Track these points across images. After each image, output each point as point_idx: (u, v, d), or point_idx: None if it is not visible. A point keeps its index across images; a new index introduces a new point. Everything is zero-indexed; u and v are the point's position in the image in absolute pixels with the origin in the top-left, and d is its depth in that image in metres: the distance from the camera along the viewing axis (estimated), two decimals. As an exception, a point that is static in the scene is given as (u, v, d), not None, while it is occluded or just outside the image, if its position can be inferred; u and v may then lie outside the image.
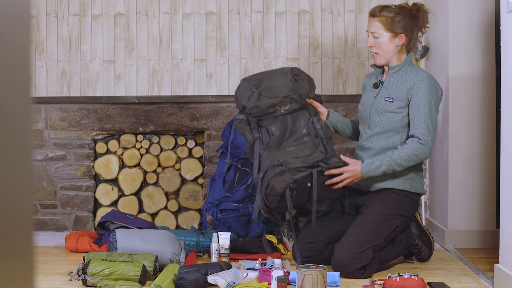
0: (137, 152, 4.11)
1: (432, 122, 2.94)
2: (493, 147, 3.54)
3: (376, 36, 3.02)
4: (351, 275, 2.86)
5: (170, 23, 4.08)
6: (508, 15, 2.56)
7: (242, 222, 3.61)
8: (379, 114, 3.04)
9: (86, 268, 2.73)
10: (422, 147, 2.91)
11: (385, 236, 2.95)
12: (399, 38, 3.02)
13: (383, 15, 3.00)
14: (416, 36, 3.07)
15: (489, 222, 3.55)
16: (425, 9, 3.08)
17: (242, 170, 3.75)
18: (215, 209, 3.65)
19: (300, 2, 4.05)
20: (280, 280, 2.51)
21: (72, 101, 4.08)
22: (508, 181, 2.58)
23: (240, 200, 3.66)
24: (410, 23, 3.01)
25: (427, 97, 2.93)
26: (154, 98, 4.05)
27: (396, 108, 2.99)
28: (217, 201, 3.66)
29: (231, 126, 3.72)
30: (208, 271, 2.69)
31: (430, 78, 2.99)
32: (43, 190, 4.12)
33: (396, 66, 3.05)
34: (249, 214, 3.58)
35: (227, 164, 3.75)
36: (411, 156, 2.92)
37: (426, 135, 2.91)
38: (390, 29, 3.00)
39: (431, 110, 2.93)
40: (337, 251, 2.91)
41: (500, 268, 2.63)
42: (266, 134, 3.09)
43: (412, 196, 3.06)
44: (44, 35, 4.11)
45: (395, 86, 3.03)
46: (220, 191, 3.70)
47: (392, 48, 3.03)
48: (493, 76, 3.53)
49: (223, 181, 3.73)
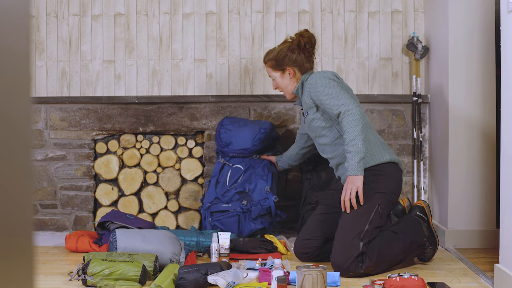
0: (137, 152, 4.11)
1: (338, 93, 3.05)
2: (493, 147, 3.54)
3: (273, 78, 3.37)
4: (349, 270, 2.87)
5: (170, 23, 4.08)
6: (508, 15, 2.56)
7: (231, 222, 3.60)
8: (310, 128, 3.26)
9: (86, 268, 2.73)
10: (348, 112, 2.98)
11: (367, 220, 2.96)
12: (288, 71, 3.31)
13: (268, 60, 3.35)
14: (305, 59, 3.30)
15: (489, 222, 3.55)
16: (304, 34, 3.30)
17: (234, 168, 3.77)
18: (206, 212, 3.67)
19: (300, 2, 4.05)
20: (280, 280, 2.51)
21: (72, 101, 4.08)
22: (508, 182, 2.58)
23: (229, 200, 3.67)
24: (292, 55, 3.29)
25: (318, 86, 3.12)
26: (154, 98, 4.05)
27: (312, 114, 3.21)
28: (209, 204, 3.67)
29: (222, 124, 3.82)
30: (208, 271, 2.69)
31: (314, 74, 3.20)
32: (43, 190, 4.11)
33: (298, 89, 3.31)
34: (238, 213, 3.59)
35: (219, 164, 3.80)
36: (351, 124, 2.96)
37: (340, 105, 3.01)
38: (277, 68, 3.32)
39: (329, 89, 3.08)
40: (331, 252, 2.96)
41: (500, 268, 2.63)
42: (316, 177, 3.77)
43: (381, 169, 3.06)
44: (44, 35, 4.11)
45: (304, 101, 3.27)
46: (212, 193, 3.73)
47: (287, 82, 3.33)
48: (493, 76, 3.53)
49: (216, 182, 3.76)
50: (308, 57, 3.32)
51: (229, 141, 3.77)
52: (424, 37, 4.00)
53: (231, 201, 3.66)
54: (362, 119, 2.97)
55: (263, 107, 4.04)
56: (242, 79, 4.07)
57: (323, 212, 3.22)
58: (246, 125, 3.82)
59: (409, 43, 3.96)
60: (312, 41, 3.32)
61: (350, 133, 2.95)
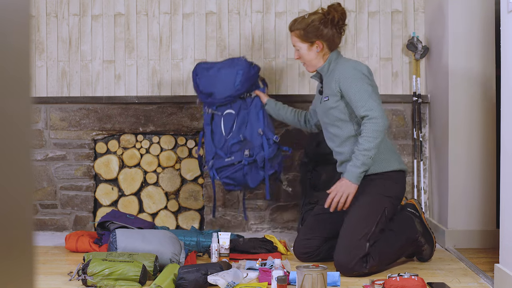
0: (137, 152, 4.11)
1: (372, 96, 2.98)
2: (493, 147, 3.54)
3: (297, 49, 3.19)
4: (354, 270, 2.87)
5: (170, 23, 4.08)
6: (508, 15, 2.56)
7: (240, 174, 3.43)
8: (326, 115, 3.15)
9: (86, 268, 2.73)
10: (375, 120, 2.95)
11: (374, 222, 2.97)
12: (316, 45, 3.15)
13: (296, 29, 3.16)
14: (334, 37, 3.16)
15: (489, 222, 3.55)
16: (338, 9, 3.16)
17: (226, 115, 3.51)
18: (213, 171, 3.49)
19: (300, 2, 4.05)
20: (280, 280, 2.51)
21: (72, 101, 4.08)
22: (508, 181, 2.58)
23: (229, 152, 3.46)
24: (323, 29, 3.13)
25: (351, 78, 3.02)
26: (154, 98, 4.05)
27: (333, 103, 3.09)
28: (212, 161, 3.48)
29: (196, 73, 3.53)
30: (208, 271, 2.69)
31: (349, 62, 3.10)
32: (43, 190, 4.11)
33: (324, 67, 3.17)
34: (244, 165, 3.41)
35: (208, 114, 3.53)
36: (372, 134, 2.94)
37: (369, 109, 2.96)
38: (305, 40, 3.15)
39: (362, 86, 2.99)
40: (335, 252, 2.95)
41: (500, 268, 2.63)
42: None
43: (391, 175, 3.07)
44: (44, 35, 4.11)
45: (328, 84, 3.13)
46: (210, 147, 3.52)
47: (313, 56, 3.17)
48: (493, 76, 3.53)
49: (210, 133, 3.53)
50: (338, 33, 3.18)
51: (210, 91, 3.49)
52: (424, 37, 4.00)
53: (231, 153, 3.45)
54: (383, 132, 2.96)
55: (263, 107, 4.04)
56: (242, 79, 4.06)
57: (323, 212, 3.22)
58: (220, 70, 3.50)
59: (409, 43, 3.96)
60: (344, 16, 3.19)
61: (368, 142, 2.94)
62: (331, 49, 3.18)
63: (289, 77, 4.04)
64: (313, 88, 4.03)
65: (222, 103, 3.48)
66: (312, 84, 4.02)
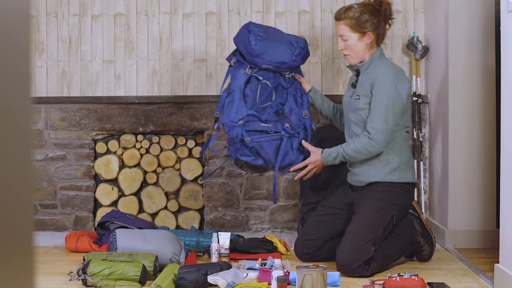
0: (137, 152, 4.11)
1: (387, 119, 2.98)
2: (493, 147, 3.54)
3: (345, 39, 3.07)
4: (355, 272, 2.87)
5: (170, 23, 4.08)
6: (508, 15, 2.56)
7: (273, 146, 3.13)
8: (354, 113, 3.11)
9: (86, 268, 2.73)
10: (371, 142, 2.99)
11: (382, 228, 2.97)
12: (368, 36, 3.07)
13: (347, 17, 3.05)
14: (383, 29, 3.11)
15: (489, 222, 3.55)
16: (387, 2, 3.11)
17: (264, 83, 3.22)
18: (239, 130, 3.10)
19: (300, 2, 4.05)
20: (280, 280, 2.51)
21: (72, 101, 4.08)
22: (508, 181, 2.58)
23: (268, 120, 3.17)
24: (375, 20, 3.06)
25: (385, 92, 2.97)
26: (154, 98, 4.05)
27: (364, 104, 3.05)
28: (240, 120, 3.10)
29: (248, 30, 3.22)
30: (208, 271, 2.69)
31: (393, 73, 3.02)
32: (43, 190, 4.11)
33: (365, 64, 3.10)
34: (281, 137, 3.13)
35: (245, 75, 3.19)
36: (360, 150, 3.02)
37: (376, 131, 2.97)
38: (357, 30, 3.05)
39: (387, 107, 2.97)
40: (338, 251, 2.94)
41: (500, 268, 2.63)
42: None
43: (402, 186, 3.09)
44: (44, 35, 4.11)
45: (363, 83, 3.08)
46: (242, 108, 3.14)
47: (362, 47, 3.08)
48: (493, 76, 3.53)
49: (243, 95, 3.18)
50: (386, 27, 3.12)
51: (262, 51, 3.18)
52: (424, 37, 4.00)
53: (269, 121, 3.17)
54: (371, 155, 3.04)
55: (263, 107, 4.04)
56: (242, 79, 4.06)
57: (324, 213, 3.23)
58: (278, 34, 3.28)
59: (409, 43, 3.96)
60: (392, 11, 3.15)
61: (354, 151, 3.04)
62: (378, 43, 3.12)
63: (289, 77, 4.04)
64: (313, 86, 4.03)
65: (271, 68, 3.20)
66: (313, 84, 4.01)
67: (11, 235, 0.89)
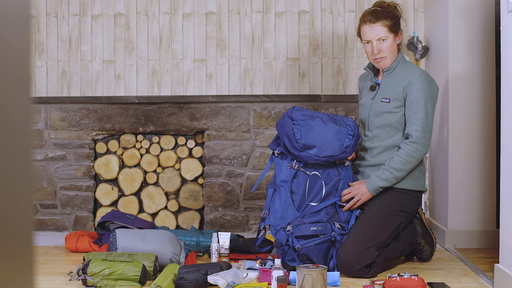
0: (137, 152, 4.11)
1: (427, 120, 2.96)
2: (493, 147, 3.54)
3: (384, 39, 3.03)
4: (356, 274, 2.86)
5: (170, 23, 4.08)
6: (508, 15, 2.56)
7: (322, 250, 2.91)
8: (378, 116, 3.07)
9: (86, 268, 2.73)
10: (416, 146, 2.94)
11: (388, 233, 2.95)
12: (399, 36, 3.10)
13: (384, 18, 3.04)
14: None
15: (489, 222, 3.55)
16: (392, 4, 3.14)
17: (312, 176, 2.98)
18: (289, 236, 2.87)
19: (300, 2, 4.05)
20: (280, 280, 2.51)
21: (72, 101, 4.08)
22: (508, 181, 2.58)
23: (317, 221, 2.93)
24: (398, 20, 3.10)
25: (422, 94, 2.96)
26: (154, 98, 4.05)
27: (394, 108, 3.03)
28: (289, 225, 2.88)
29: (292, 118, 2.94)
30: (208, 271, 2.69)
31: (425, 75, 3.01)
32: (43, 190, 4.11)
33: (392, 66, 3.08)
34: (330, 239, 2.91)
35: (291, 169, 2.96)
36: (407, 158, 2.95)
37: (419, 133, 2.94)
38: (394, 30, 3.06)
39: (426, 108, 2.96)
40: (341, 251, 2.91)
41: (500, 268, 2.63)
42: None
43: (414, 193, 3.07)
44: (44, 35, 4.11)
45: (391, 86, 3.06)
46: (289, 208, 2.93)
47: (395, 48, 3.08)
48: (493, 76, 3.53)
49: (290, 192, 2.96)
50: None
51: (310, 144, 2.90)
52: (424, 37, 4.00)
53: (318, 222, 2.92)
54: (419, 160, 2.97)
55: (263, 107, 4.04)
56: (242, 79, 4.06)
57: None
58: (327, 123, 2.96)
59: (409, 43, 3.96)
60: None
61: (401, 164, 2.95)
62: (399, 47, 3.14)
63: (289, 77, 4.04)
64: (313, 88, 4.03)
65: (318, 162, 2.95)
66: (313, 84, 4.02)
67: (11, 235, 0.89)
